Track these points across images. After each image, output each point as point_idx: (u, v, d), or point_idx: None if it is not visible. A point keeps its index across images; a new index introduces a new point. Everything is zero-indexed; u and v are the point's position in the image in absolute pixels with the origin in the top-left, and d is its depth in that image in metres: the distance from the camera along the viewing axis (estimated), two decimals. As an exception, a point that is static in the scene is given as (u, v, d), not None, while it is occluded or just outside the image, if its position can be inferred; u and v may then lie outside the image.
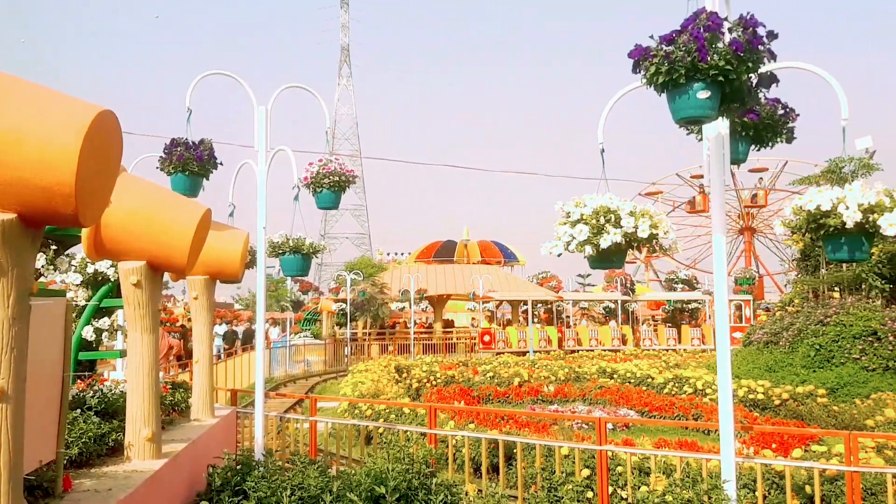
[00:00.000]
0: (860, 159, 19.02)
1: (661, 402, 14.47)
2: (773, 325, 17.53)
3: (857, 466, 5.51)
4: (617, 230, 4.60)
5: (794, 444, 9.46)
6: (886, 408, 12.01)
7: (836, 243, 4.45)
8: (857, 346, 14.50)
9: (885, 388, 13.35)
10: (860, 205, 4.24)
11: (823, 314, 15.98)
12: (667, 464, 6.72)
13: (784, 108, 4.97)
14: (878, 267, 16.35)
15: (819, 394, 13.56)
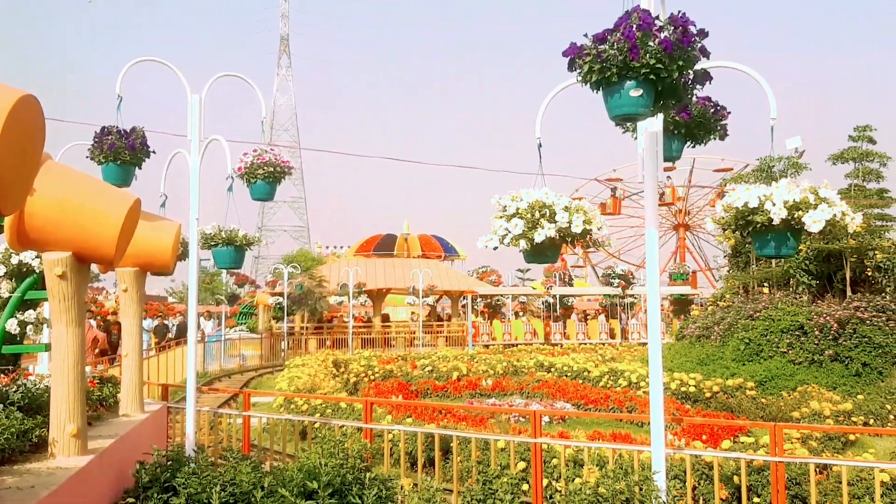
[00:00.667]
0: (790, 158, 19.65)
1: (596, 394, 14.68)
2: (706, 320, 17.96)
3: (781, 457, 5.67)
4: (551, 225, 4.63)
5: (723, 436, 9.67)
6: (811, 400, 12.41)
7: (763, 240, 4.56)
8: (785, 340, 14.94)
9: (810, 380, 13.79)
10: (786, 202, 4.35)
11: (753, 309, 16.42)
12: (600, 456, 6.82)
13: (715, 106, 5.08)
14: (806, 263, 16.90)
15: (748, 386, 13.94)
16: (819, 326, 14.61)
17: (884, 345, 13.80)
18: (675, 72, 3.95)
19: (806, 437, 9.62)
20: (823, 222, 4.31)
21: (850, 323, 14.31)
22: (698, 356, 16.41)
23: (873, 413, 12.34)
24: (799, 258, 17.00)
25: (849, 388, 13.43)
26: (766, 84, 4.60)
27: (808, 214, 4.34)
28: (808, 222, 4.32)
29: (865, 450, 10.18)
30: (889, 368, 13.72)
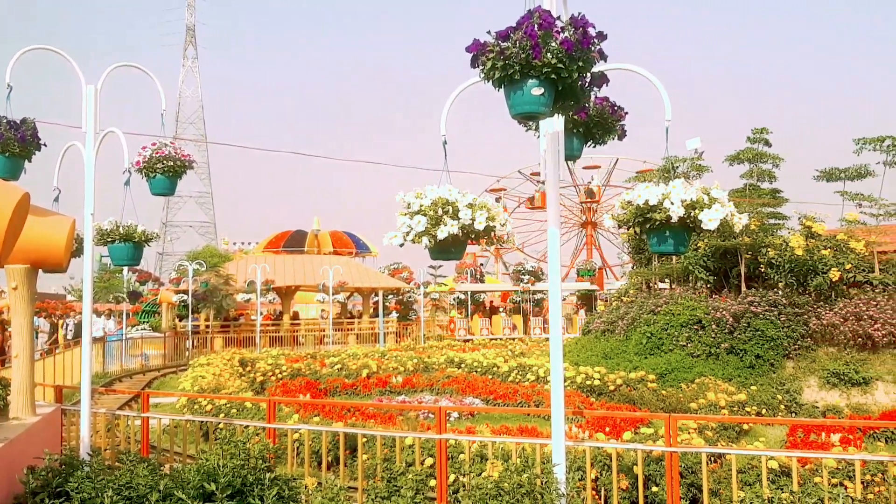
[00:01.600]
0: (691, 159, 20.35)
1: (505, 389, 14.87)
2: (610, 315, 18.43)
3: (675, 447, 5.87)
4: (454, 222, 4.65)
5: (625, 427, 9.91)
6: (708, 391, 12.91)
7: (661, 236, 4.70)
8: (684, 334, 15.49)
9: (707, 372, 14.33)
10: (683, 201, 4.50)
11: (655, 304, 16.95)
12: (504, 450, 6.91)
13: (613, 107, 5.21)
14: (704, 260, 17.54)
15: (649, 379, 14.39)
16: (716, 320, 15.21)
17: (775, 337, 14.46)
18: (574, 72, 4.02)
19: (702, 427, 9.99)
20: (718, 221, 4.48)
21: (745, 317, 14.95)
22: (603, 350, 16.83)
23: (765, 403, 12.94)
24: (698, 255, 17.63)
25: (743, 380, 14.02)
26: (661, 86, 4.74)
27: (703, 213, 4.49)
28: (705, 220, 4.48)
29: (757, 438, 10.66)
30: (780, 360, 14.41)
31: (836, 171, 17.31)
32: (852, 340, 14.01)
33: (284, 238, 45.42)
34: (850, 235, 16.04)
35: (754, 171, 18.55)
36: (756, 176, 18.65)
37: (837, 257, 15.44)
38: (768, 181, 18.75)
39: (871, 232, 16.17)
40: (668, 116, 4.80)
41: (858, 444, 9.38)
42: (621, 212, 4.81)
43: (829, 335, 14.38)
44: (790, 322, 14.71)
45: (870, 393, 13.22)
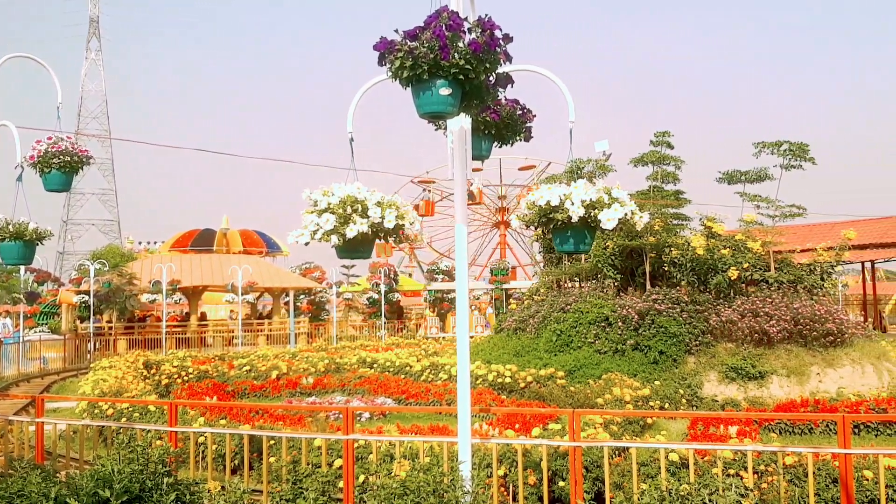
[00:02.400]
0: (598, 161, 20.84)
1: (417, 389, 14.89)
2: (522, 313, 18.68)
3: (579, 442, 5.99)
4: (364, 220, 4.63)
5: (534, 423, 10.06)
6: (614, 387, 13.24)
7: (563, 236, 4.80)
8: (592, 332, 15.83)
9: (614, 368, 14.69)
10: (583, 201, 4.60)
11: (564, 302, 17.28)
12: (413, 449, 6.92)
13: (522, 109, 5.29)
14: (612, 259, 17.97)
15: (559, 376, 14.66)
16: (622, 318, 15.61)
17: (678, 334, 14.95)
18: (481, 73, 4.07)
19: (608, 421, 10.22)
20: (616, 220, 4.60)
21: (650, 314, 15.39)
22: (514, 348, 17.03)
23: (668, 397, 13.36)
24: (606, 254, 18.06)
25: (647, 375, 14.44)
26: (565, 88, 4.83)
27: (603, 213, 4.61)
28: (604, 220, 4.60)
29: (660, 432, 11.01)
30: (682, 356, 14.89)
31: (736, 173, 17.98)
32: (749, 336, 14.61)
33: (192, 237, 44.21)
34: (747, 236, 16.72)
35: (658, 174, 19.11)
36: (660, 178, 19.22)
37: (736, 256, 16.08)
38: (672, 183, 19.35)
39: (767, 232, 16.89)
40: (571, 118, 4.90)
41: (754, 435, 9.80)
42: (527, 212, 4.89)
43: (728, 331, 14.95)
44: (692, 319, 15.23)
45: (765, 386, 13.81)
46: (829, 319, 14.48)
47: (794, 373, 13.86)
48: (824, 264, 16.58)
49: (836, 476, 6.58)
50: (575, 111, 4.87)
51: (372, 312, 38.26)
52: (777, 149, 17.22)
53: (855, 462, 7.39)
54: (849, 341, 14.63)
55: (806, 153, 17.06)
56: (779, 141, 17.29)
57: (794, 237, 23.26)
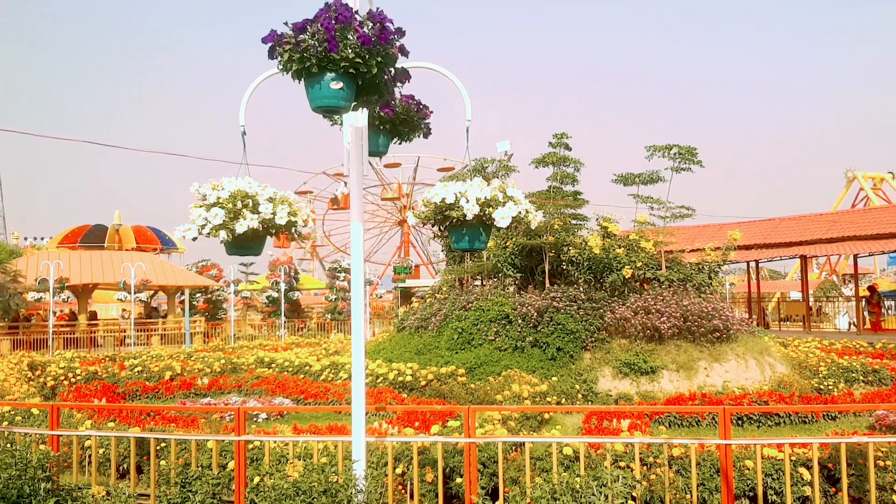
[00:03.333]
0: (501, 161, 21.11)
1: (317, 389, 14.70)
2: (424, 311, 18.72)
3: (473, 438, 6.03)
4: (254, 216, 4.51)
5: (434, 421, 10.09)
6: (513, 383, 13.43)
7: (458, 233, 4.81)
8: (493, 329, 16.01)
9: (513, 365, 14.89)
10: (479, 199, 4.62)
11: (466, 300, 17.42)
12: (307, 449, 6.81)
13: (419, 105, 5.27)
14: (512, 258, 18.24)
15: (459, 373, 14.75)
16: (522, 315, 15.85)
17: (575, 331, 15.29)
18: (374, 67, 4.02)
19: (506, 417, 10.36)
20: (510, 218, 4.64)
21: (548, 312, 15.69)
22: (416, 346, 17.04)
23: (565, 393, 13.64)
24: (507, 253, 18.31)
25: (546, 371, 14.70)
26: (462, 87, 4.84)
27: (497, 211, 4.64)
28: (498, 218, 4.63)
29: (556, 426, 11.23)
30: (579, 352, 15.24)
31: (630, 175, 18.53)
32: (642, 333, 15.08)
33: (82, 233, 42.26)
34: (640, 236, 17.27)
35: (558, 175, 19.51)
36: (559, 179, 19.62)
37: (630, 256, 16.58)
38: (571, 184, 19.79)
39: (659, 233, 17.49)
40: (468, 116, 4.92)
41: (644, 428, 10.11)
42: (423, 209, 4.88)
43: (623, 328, 15.39)
44: (588, 316, 15.62)
45: (656, 381, 14.29)
46: (715, 316, 15.11)
47: (684, 367, 14.39)
48: (712, 263, 17.29)
49: (720, 466, 6.85)
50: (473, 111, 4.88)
51: (271, 311, 37.58)
52: (667, 152, 17.85)
53: (738, 452, 7.73)
54: (734, 337, 15.30)
55: (694, 156, 17.76)
56: (669, 144, 17.92)
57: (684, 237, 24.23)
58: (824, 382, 14.39)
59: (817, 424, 11.58)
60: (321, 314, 41.00)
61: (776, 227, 31.67)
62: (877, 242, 26.79)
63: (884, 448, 7.34)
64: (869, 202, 56.83)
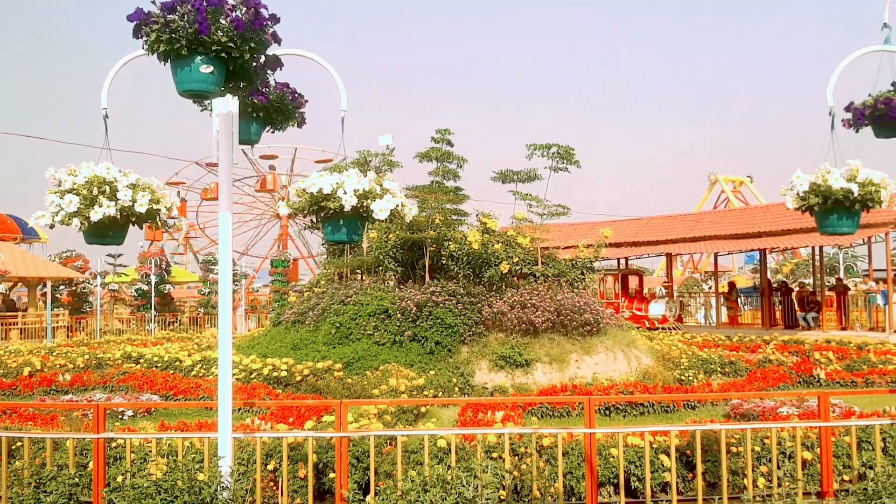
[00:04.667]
0: (383, 154, 21.05)
1: (187, 385, 14.23)
2: (301, 306, 18.43)
3: (345, 432, 5.98)
4: (111, 203, 4.29)
5: (309, 416, 9.95)
6: (391, 377, 13.43)
7: (335, 225, 4.74)
8: (372, 323, 15.96)
9: (392, 359, 14.89)
10: (356, 190, 4.57)
11: (345, 294, 17.27)
12: (172, 446, 6.57)
13: (293, 94, 5.17)
14: (394, 252, 18.22)
15: (336, 368, 14.62)
16: (401, 310, 15.87)
17: (453, 325, 15.45)
18: (246, 53, 3.91)
19: (382, 412, 10.34)
20: (388, 211, 4.62)
21: (427, 306, 15.78)
22: (292, 341, 16.77)
23: (442, 386, 13.76)
24: (388, 247, 18.28)
25: (424, 365, 14.79)
26: (337, 76, 4.78)
27: (375, 203, 4.61)
28: (376, 210, 4.60)
29: (432, 419, 11.33)
30: (457, 346, 15.42)
31: (510, 173, 18.87)
32: (518, 326, 15.41)
33: (-70, 220, 39.20)
34: (518, 232, 17.65)
35: (440, 170, 19.65)
36: (442, 174, 19.77)
37: (508, 251, 16.91)
38: (453, 179, 19.98)
39: (536, 229, 17.93)
40: (343, 106, 4.86)
41: (518, 420, 10.34)
42: (297, 199, 4.79)
43: (500, 322, 15.68)
44: (466, 310, 15.82)
45: (531, 373, 14.65)
46: (587, 310, 15.63)
47: (556, 360, 14.82)
48: (585, 260, 17.89)
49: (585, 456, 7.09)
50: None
51: (141, 305, 36.05)
52: (546, 151, 18.29)
53: (604, 441, 8.02)
54: (604, 331, 15.89)
55: (571, 157, 18.27)
56: (548, 144, 18.35)
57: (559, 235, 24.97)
58: (685, 374, 15.14)
59: (678, 413, 12.19)
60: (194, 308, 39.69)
61: (644, 226, 33.11)
62: (735, 241, 28.47)
63: (737, 435, 7.80)
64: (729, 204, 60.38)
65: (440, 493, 4.65)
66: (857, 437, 6.45)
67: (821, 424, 5.74)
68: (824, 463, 5.74)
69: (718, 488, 5.76)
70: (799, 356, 17.52)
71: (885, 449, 7.64)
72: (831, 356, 16.94)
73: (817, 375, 14.83)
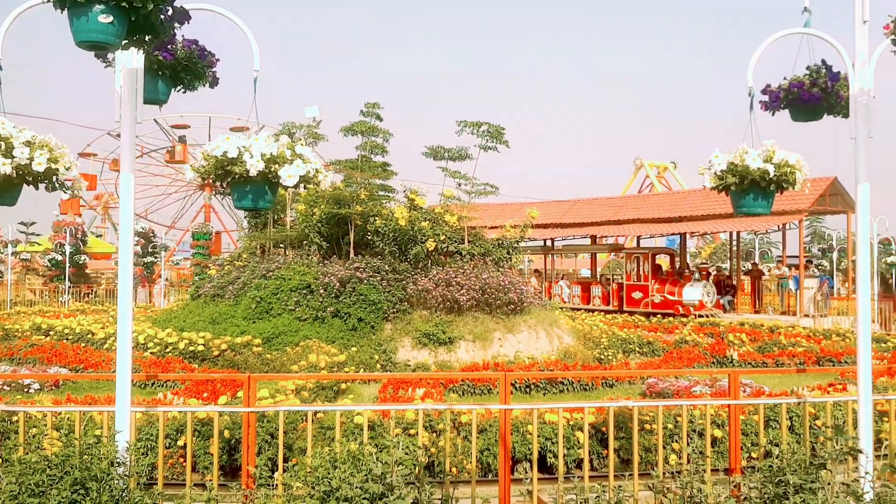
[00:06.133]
0: (309, 126, 20.66)
1: (98, 358, 13.76)
2: (221, 279, 18.00)
3: (253, 407, 5.82)
4: (7, 160, 4.01)
5: (224, 391, 9.73)
6: (311, 353, 13.25)
7: (241, 191, 4.55)
8: (293, 298, 15.68)
9: (313, 335, 14.68)
10: (264, 154, 4.38)
11: (267, 269, 16.92)
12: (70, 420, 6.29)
13: (203, 51, 4.92)
14: (319, 226, 17.90)
15: (255, 343, 14.33)
16: (324, 285, 15.64)
17: (377, 301, 15.32)
18: (149, 3, 3.66)
19: (300, 387, 10.18)
20: (298, 177, 4.45)
21: (351, 282, 15.59)
22: (211, 315, 16.37)
23: (364, 363, 13.64)
24: (313, 221, 17.94)
25: (346, 342, 14.64)
26: (250, 33, 4.57)
27: (284, 168, 4.43)
28: (284, 176, 4.42)
29: (351, 396, 11.21)
30: (380, 323, 15.30)
31: (440, 150, 18.75)
32: (442, 304, 15.37)
33: None
34: (445, 210, 17.57)
35: (367, 144, 19.38)
36: (369, 149, 19.51)
37: (434, 229, 16.82)
38: (380, 154, 19.74)
39: (463, 208, 17.89)
40: (256, 66, 4.65)
41: (438, 397, 10.32)
42: (203, 163, 4.57)
43: (424, 299, 15.61)
44: (391, 287, 15.69)
45: (454, 351, 14.65)
46: (511, 289, 15.71)
47: (480, 338, 14.86)
48: (511, 239, 17.95)
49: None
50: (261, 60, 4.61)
51: (54, 276, 34.70)
52: (477, 129, 18.22)
53: (522, 418, 8.06)
54: (528, 310, 16.00)
55: (501, 136, 18.26)
56: (479, 122, 18.29)
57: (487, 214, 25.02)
58: (605, 353, 15.40)
59: (596, 392, 12.38)
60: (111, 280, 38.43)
61: (571, 208, 33.53)
62: (658, 225, 29.09)
63: (651, 413, 7.94)
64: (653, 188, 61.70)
65: (350, 470, 4.54)
66: (764, 415, 6.62)
67: (731, 402, 5.85)
68: (733, 440, 5.86)
69: (631, 465, 5.81)
70: (714, 338, 18.02)
71: (791, 427, 7.89)
72: (744, 338, 17.49)
73: (731, 356, 15.26)
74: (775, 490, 3.88)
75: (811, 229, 61.03)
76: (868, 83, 4.70)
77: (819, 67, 5.51)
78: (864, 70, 4.68)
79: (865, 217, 4.82)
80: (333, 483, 4.47)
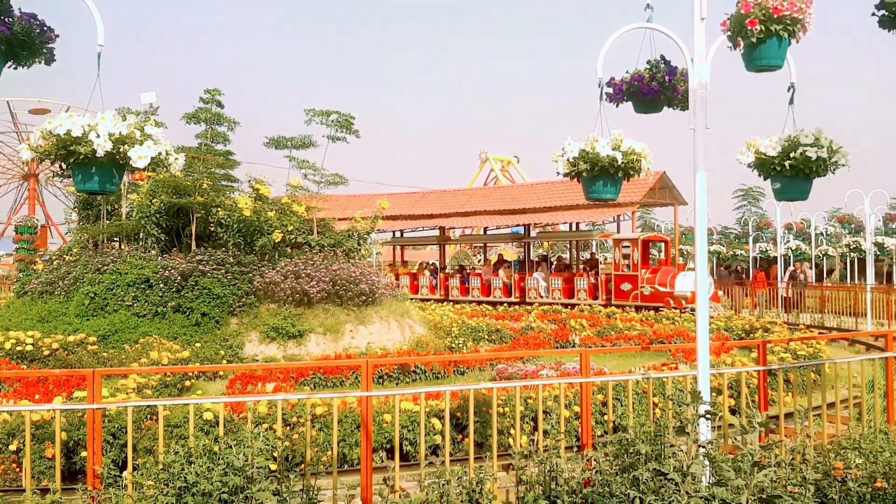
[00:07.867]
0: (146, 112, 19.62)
1: None
2: (50, 275, 16.78)
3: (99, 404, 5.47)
4: None
5: (59, 392, 9.21)
6: (152, 350, 12.64)
7: (86, 173, 4.26)
8: (131, 294, 14.87)
9: (154, 332, 14.00)
10: (111, 134, 4.12)
11: (101, 263, 15.94)
12: None
13: (42, 27, 4.55)
14: (157, 217, 17.04)
15: (90, 341, 13.50)
16: (164, 279, 14.94)
17: (222, 295, 14.80)
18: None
19: (142, 386, 9.72)
20: (149, 159, 4.22)
21: (193, 275, 14.97)
22: (39, 313, 15.24)
23: (208, 359, 13.17)
24: (151, 212, 17.06)
25: (189, 338, 14.07)
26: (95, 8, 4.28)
27: (134, 149, 4.19)
28: (134, 157, 4.18)
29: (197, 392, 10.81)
30: (225, 317, 14.80)
31: (283, 139, 18.37)
32: (291, 297, 15.07)
33: None
34: (293, 200, 17.25)
35: (210, 133, 18.71)
36: (211, 137, 18.83)
37: (282, 220, 16.48)
38: (223, 143, 19.11)
39: (312, 198, 17.64)
40: (100, 41, 4.36)
41: (290, 390, 10.14)
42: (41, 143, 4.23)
43: (272, 292, 15.24)
44: (236, 280, 15.21)
45: (304, 345, 14.42)
46: (363, 281, 15.64)
47: (331, 330, 14.72)
48: (361, 231, 17.89)
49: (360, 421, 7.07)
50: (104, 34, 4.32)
51: None
52: (326, 118, 17.99)
53: (378, 407, 8.06)
54: (379, 301, 16.01)
55: (351, 125, 18.12)
56: (328, 111, 18.06)
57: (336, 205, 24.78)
58: (456, 341, 15.68)
59: (448, 379, 12.60)
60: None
61: (420, 200, 33.89)
62: (502, 216, 29.94)
63: (503, 396, 8.18)
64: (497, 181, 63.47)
65: (207, 464, 4.38)
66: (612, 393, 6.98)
67: (582, 381, 6.11)
68: (584, 416, 6.13)
69: (487, 447, 5.96)
70: (557, 324, 18.80)
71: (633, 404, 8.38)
72: (585, 323, 18.38)
73: (573, 341, 15.98)
74: (630, 460, 4.10)
75: (642, 221, 64.90)
76: (705, 77, 5.04)
77: (658, 62, 5.87)
78: (702, 65, 5.01)
79: (703, 203, 5.18)
80: (189, 478, 4.30)
